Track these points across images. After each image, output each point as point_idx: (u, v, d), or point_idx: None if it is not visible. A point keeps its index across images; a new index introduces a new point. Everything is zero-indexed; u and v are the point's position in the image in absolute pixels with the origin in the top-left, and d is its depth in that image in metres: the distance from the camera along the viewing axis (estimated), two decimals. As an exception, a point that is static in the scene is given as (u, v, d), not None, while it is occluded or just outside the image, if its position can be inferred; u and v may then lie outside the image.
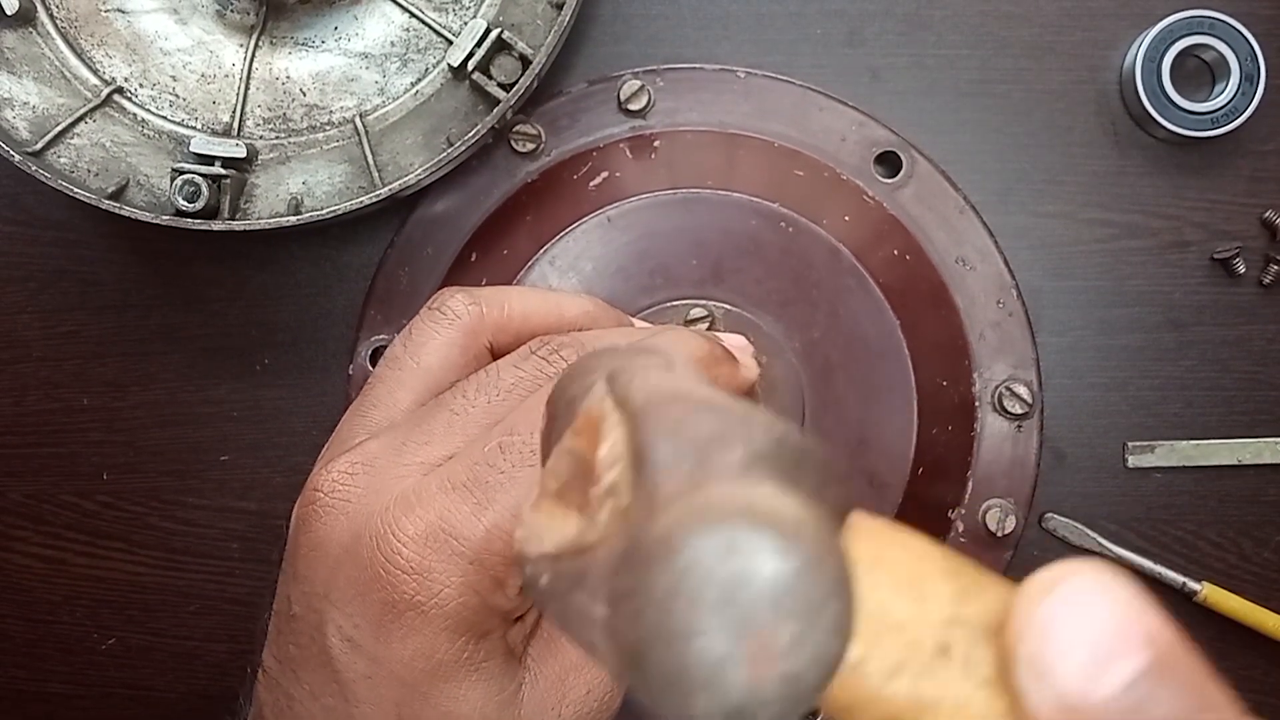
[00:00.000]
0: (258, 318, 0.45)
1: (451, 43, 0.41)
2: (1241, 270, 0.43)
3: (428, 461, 0.26)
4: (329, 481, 0.26)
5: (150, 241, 0.45)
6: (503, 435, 0.25)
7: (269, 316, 0.45)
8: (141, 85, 0.42)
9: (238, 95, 0.42)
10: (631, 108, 0.42)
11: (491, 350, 0.29)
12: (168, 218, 0.38)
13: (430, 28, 0.42)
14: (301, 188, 0.41)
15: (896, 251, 0.42)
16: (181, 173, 0.39)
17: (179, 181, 0.38)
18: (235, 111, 0.42)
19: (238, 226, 0.38)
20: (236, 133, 0.42)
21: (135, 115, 0.41)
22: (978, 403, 0.42)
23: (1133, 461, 0.44)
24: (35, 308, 0.45)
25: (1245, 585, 0.43)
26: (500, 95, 0.39)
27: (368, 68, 0.42)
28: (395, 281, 0.43)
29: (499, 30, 0.40)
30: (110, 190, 0.39)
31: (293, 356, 0.45)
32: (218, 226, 0.38)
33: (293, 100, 0.42)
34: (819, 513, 0.13)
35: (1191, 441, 0.44)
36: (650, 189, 0.42)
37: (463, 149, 0.39)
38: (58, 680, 0.46)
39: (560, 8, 0.39)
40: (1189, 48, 0.42)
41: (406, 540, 0.24)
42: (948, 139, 0.43)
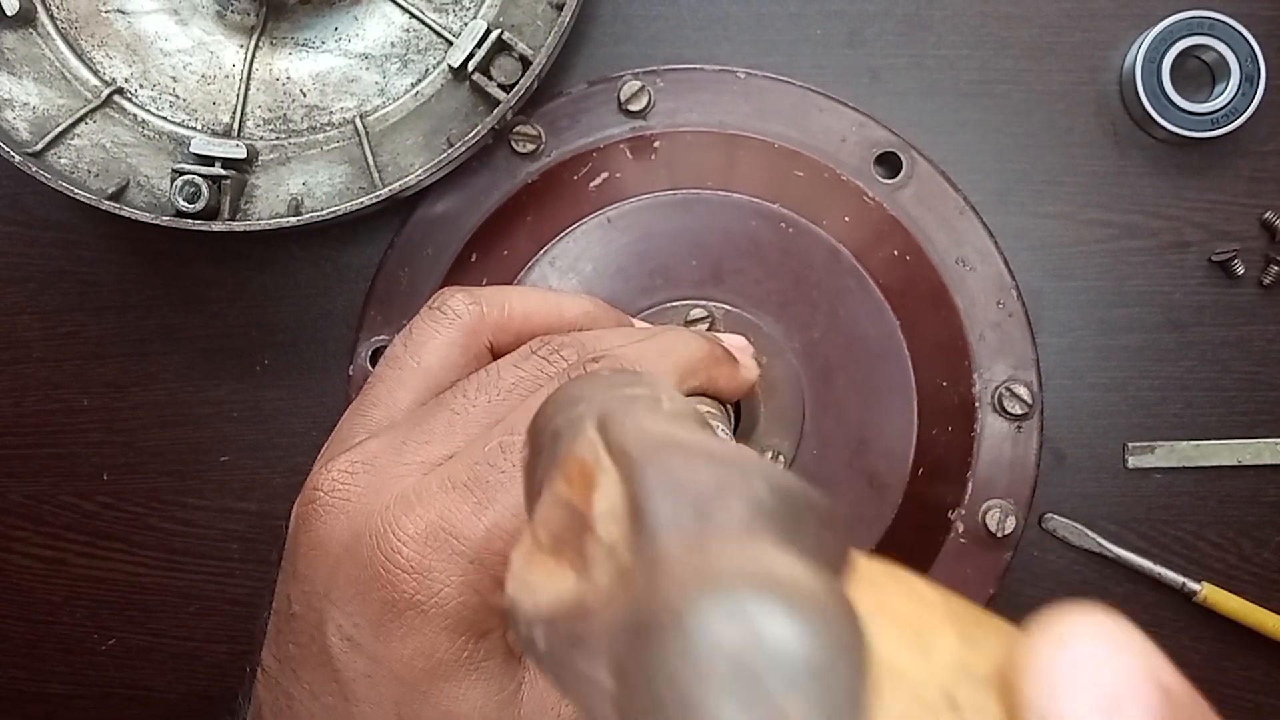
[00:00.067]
0: (258, 318, 0.45)
1: (452, 43, 0.41)
2: (1240, 272, 0.43)
3: (428, 461, 0.26)
4: (329, 480, 0.26)
5: (150, 242, 0.45)
6: (503, 435, 0.25)
7: (269, 317, 0.45)
8: (142, 86, 0.42)
9: (238, 96, 0.42)
10: (631, 108, 0.42)
11: (492, 350, 0.29)
12: (168, 218, 0.38)
13: (430, 28, 0.42)
14: (302, 188, 0.41)
15: (896, 252, 0.42)
16: (181, 173, 0.39)
17: (179, 182, 0.38)
18: (235, 112, 0.42)
19: (238, 227, 0.38)
20: (237, 133, 0.42)
21: (135, 116, 0.41)
22: (978, 403, 0.42)
23: (1133, 462, 0.44)
24: (35, 308, 0.45)
25: (1245, 586, 0.43)
26: (500, 96, 0.39)
27: (368, 68, 0.42)
28: (395, 282, 0.43)
29: (499, 31, 0.40)
30: (110, 191, 0.39)
31: (293, 357, 0.45)
32: (218, 227, 0.38)
33: (293, 101, 0.42)
34: (825, 569, 0.12)
35: (1191, 442, 0.44)
36: (650, 190, 0.42)
37: (463, 150, 0.39)
38: (58, 681, 0.46)
39: (560, 8, 0.39)
40: (1189, 48, 0.42)
41: (407, 539, 0.24)
42: (948, 139, 0.43)
